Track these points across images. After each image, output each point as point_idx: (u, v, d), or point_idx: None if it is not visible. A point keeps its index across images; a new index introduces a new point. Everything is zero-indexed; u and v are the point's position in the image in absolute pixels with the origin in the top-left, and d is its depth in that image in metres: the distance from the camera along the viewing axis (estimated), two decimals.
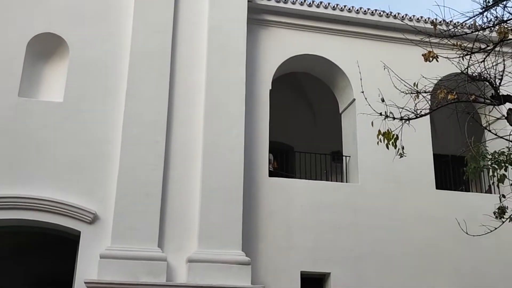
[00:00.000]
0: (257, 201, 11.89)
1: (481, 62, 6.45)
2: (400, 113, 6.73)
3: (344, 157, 13.47)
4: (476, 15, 6.21)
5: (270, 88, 12.90)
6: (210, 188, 11.23)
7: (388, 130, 6.63)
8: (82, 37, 11.96)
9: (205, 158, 11.44)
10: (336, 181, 13.80)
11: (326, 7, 13.42)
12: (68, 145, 11.17)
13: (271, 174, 12.55)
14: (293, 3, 13.30)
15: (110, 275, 10.16)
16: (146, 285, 10.20)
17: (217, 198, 11.17)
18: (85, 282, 10.07)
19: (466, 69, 6.31)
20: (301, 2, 13.32)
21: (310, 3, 13.37)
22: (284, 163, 14.04)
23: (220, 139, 11.61)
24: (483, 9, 6.28)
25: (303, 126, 16.72)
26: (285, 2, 13.25)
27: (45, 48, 11.96)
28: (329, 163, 14.08)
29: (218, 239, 10.91)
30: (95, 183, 11.04)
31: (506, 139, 7.43)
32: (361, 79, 9.59)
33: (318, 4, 13.40)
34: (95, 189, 11.00)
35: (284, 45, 13.35)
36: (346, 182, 13.19)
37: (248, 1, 12.84)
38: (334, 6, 13.46)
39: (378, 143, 6.74)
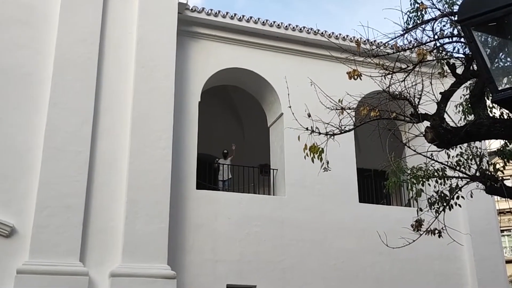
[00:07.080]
0: (184, 214, 11.77)
1: (402, 81, 6.73)
2: (326, 128, 6.87)
3: (271, 170, 13.63)
4: (398, 36, 6.48)
5: (199, 100, 12.87)
6: (136, 200, 11.00)
7: (314, 144, 6.76)
8: (1, 42, 11.44)
9: (131, 170, 11.20)
10: (264, 194, 13.92)
11: (256, 22, 13.59)
12: None
13: (199, 186, 12.48)
14: (224, 16, 13.36)
15: None
16: None
17: (143, 210, 10.96)
18: None
19: (388, 88, 6.56)
20: (232, 16, 13.42)
21: (240, 18, 13.48)
22: (212, 175, 14.00)
23: (147, 150, 11.42)
24: (404, 31, 6.59)
25: (231, 139, 16.76)
26: (216, 16, 13.29)
27: None
28: (256, 176, 14.19)
29: (143, 253, 10.69)
30: (13, 195, 10.54)
31: (424, 155, 7.80)
32: (288, 94, 9.73)
33: (248, 19, 13.54)
34: (13, 201, 10.50)
35: (214, 58, 13.38)
36: (273, 195, 13.34)
37: (178, 13, 12.78)
38: (263, 22, 13.65)
39: (305, 157, 6.85)
